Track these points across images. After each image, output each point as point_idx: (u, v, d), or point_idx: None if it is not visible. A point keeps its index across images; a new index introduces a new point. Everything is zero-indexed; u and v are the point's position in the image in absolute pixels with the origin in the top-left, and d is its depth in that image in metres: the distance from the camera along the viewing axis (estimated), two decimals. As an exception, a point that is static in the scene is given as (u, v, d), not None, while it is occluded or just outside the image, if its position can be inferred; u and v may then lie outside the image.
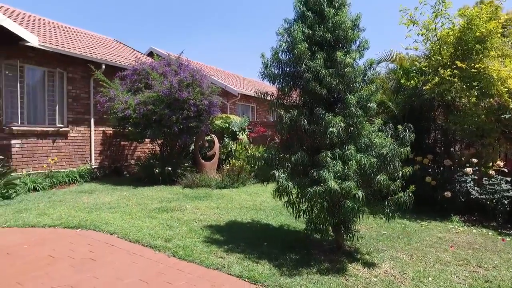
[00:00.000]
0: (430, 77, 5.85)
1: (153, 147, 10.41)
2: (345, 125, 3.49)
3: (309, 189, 3.36)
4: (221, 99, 9.34)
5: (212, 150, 9.85)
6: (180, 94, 7.93)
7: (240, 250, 3.88)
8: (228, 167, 8.53)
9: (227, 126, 10.89)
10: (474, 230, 5.05)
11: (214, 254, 3.73)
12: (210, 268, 3.39)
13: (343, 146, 3.52)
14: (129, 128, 8.31)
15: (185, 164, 8.88)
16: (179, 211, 5.56)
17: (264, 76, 3.95)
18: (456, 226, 5.24)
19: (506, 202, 5.30)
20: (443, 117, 6.74)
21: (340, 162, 3.37)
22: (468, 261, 3.79)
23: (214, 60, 71.38)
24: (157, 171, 8.19)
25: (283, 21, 3.98)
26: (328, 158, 3.37)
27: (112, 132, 9.63)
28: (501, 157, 6.19)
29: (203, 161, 9.49)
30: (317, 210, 3.71)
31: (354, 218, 3.68)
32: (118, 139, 9.83)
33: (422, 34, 6.16)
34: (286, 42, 3.85)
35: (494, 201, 5.37)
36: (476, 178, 5.77)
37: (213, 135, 10.17)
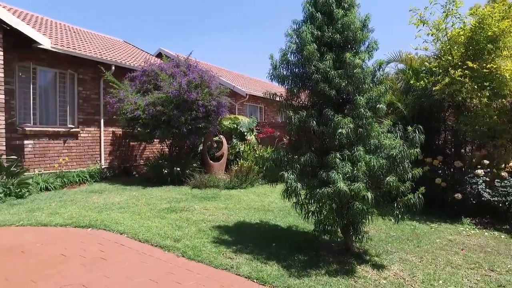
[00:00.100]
0: (440, 77, 5.78)
1: (161, 148, 10.49)
2: (354, 126, 3.47)
3: (318, 190, 3.35)
4: (229, 100, 9.34)
5: (220, 151, 9.89)
6: (188, 95, 7.97)
7: (248, 250, 3.89)
8: (236, 168, 8.55)
9: (235, 126, 10.92)
10: (486, 233, 4.97)
11: (223, 254, 3.75)
12: (219, 268, 3.41)
13: (352, 147, 3.51)
14: (138, 128, 8.40)
15: (193, 164, 8.93)
16: (188, 212, 5.60)
17: (273, 77, 3.95)
18: (467, 229, 5.17)
19: (519, 205, 5.20)
20: (454, 118, 6.66)
21: (349, 164, 3.35)
22: (480, 264, 3.73)
23: (216, 60, 71.64)
24: (165, 172, 8.25)
25: (292, 22, 3.97)
26: (337, 159, 3.36)
27: (121, 132, 9.73)
28: (513, 158, 6.08)
29: (212, 161, 9.54)
30: (325, 211, 3.71)
31: (363, 220, 3.67)
32: (127, 140, 9.93)
33: (432, 34, 6.09)
34: (295, 43, 3.84)
35: (507, 203, 5.28)
36: (487, 180, 5.67)
37: (221, 136, 10.21)
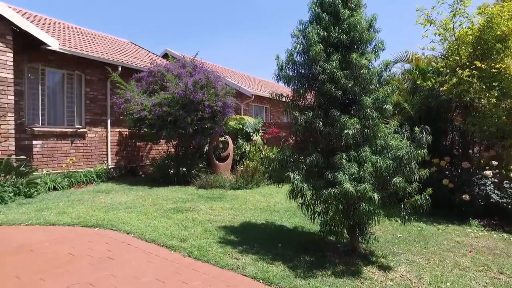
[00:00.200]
0: (447, 77, 5.73)
1: (168, 148, 10.54)
2: (360, 127, 3.45)
3: (324, 191, 3.35)
4: (235, 100, 9.37)
5: (226, 151, 9.91)
6: (194, 96, 8.01)
7: (254, 251, 3.90)
8: (242, 168, 8.57)
9: (241, 127, 10.93)
10: (495, 235, 4.91)
11: (229, 254, 3.76)
12: (225, 268, 3.42)
13: (359, 148, 3.49)
14: (144, 129, 8.46)
15: (199, 165, 8.97)
16: (194, 212, 5.62)
17: (279, 78, 3.95)
18: (475, 230, 5.11)
19: (528, 206, 5.14)
20: (461, 118, 6.59)
21: (355, 164, 3.34)
22: (488, 266, 3.69)
23: (221, 60, 71.79)
24: (172, 172, 8.29)
25: (298, 22, 3.98)
26: (343, 160, 3.35)
27: (128, 133, 9.81)
28: (523, 159, 5.99)
29: (217, 162, 9.56)
30: (332, 212, 3.69)
31: (370, 221, 3.65)
32: (133, 140, 10.01)
33: (439, 34, 6.04)
34: (301, 44, 3.83)
35: (516, 205, 5.22)
36: (496, 181, 5.61)
37: (227, 136, 10.23)
